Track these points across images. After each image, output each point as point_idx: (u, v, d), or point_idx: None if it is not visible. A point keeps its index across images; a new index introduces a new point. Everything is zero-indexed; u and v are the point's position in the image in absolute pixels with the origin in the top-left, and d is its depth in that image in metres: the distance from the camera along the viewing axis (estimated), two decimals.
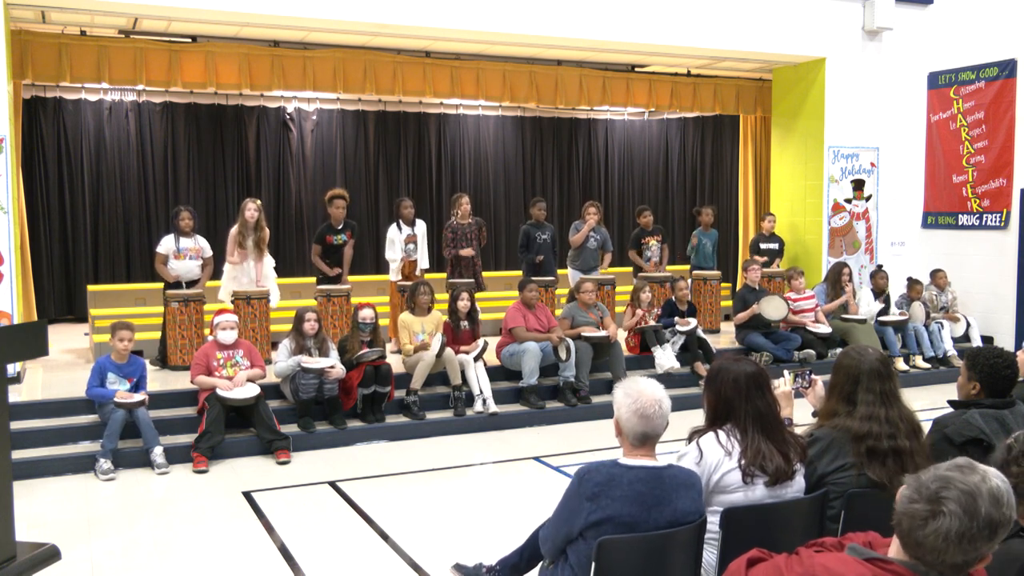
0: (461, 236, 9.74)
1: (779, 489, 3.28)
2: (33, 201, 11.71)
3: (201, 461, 6.77)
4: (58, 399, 7.52)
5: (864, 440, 3.37)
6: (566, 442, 7.65)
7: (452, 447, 7.54)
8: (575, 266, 10.48)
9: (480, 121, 14.65)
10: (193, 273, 8.95)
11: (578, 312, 8.99)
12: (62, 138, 12.20)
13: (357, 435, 7.58)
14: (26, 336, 5.06)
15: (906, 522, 1.98)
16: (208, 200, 12.98)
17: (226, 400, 7.01)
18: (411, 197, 10.90)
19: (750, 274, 10.20)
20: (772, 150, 12.61)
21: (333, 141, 13.66)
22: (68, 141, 12.23)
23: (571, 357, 8.44)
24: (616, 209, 15.67)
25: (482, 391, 8.17)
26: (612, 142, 15.72)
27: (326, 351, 7.65)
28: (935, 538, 1.93)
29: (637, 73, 12.58)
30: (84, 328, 11.07)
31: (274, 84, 10.54)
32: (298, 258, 13.23)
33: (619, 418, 3.10)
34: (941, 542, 1.93)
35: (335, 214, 9.36)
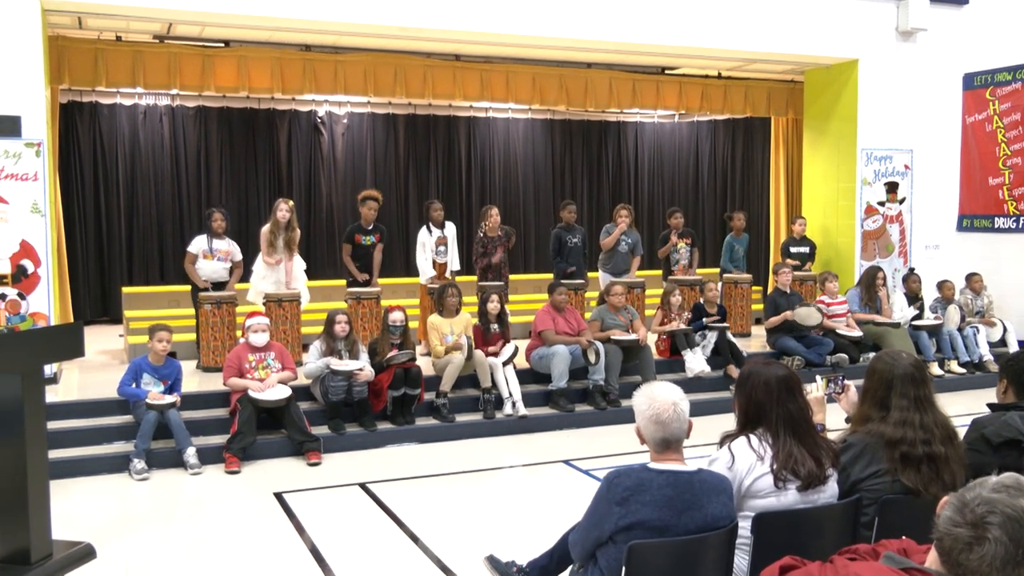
0: (492, 249, 9.77)
1: (811, 494, 3.25)
2: (69, 204, 11.88)
3: (233, 462, 6.84)
4: (93, 399, 7.63)
5: (898, 446, 3.34)
6: (595, 445, 7.63)
7: (481, 449, 7.55)
8: (606, 269, 10.46)
9: (510, 124, 14.66)
10: (220, 275, 9.05)
11: (608, 315, 8.96)
12: (98, 142, 12.37)
13: (387, 437, 7.61)
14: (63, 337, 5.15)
15: (948, 542, 1.94)
16: (240, 203, 13.10)
17: (258, 402, 7.07)
18: (441, 200, 10.93)
19: (781, 278, 10.12)
20: (804, 152, 12.51)
21: (363, 144, 13.74)
22: (104, 145, 12.40)
23: (600, 360, 8.42)
24: (646, 212, 15.60)
25: (511, 394, 8.17)
26: (642, 145, 15.67)
27: (356, 353, 7.69)
28: (979, 563, 1.89)
29: (667, 75, 12.53)
30: (119, 329, 11.21)
31: (305, 88, 10.63)
32: (329, 260, 13.31)
33: (638, 425, 3.10)
34: (985, 567, 1.89)
35: (366, 214, 9.42)
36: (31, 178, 7.96)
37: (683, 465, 3.03)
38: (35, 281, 8.02)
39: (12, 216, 7.91)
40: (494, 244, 9.79)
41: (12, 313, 7.95)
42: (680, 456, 3.06)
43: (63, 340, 5.11)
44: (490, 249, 9.76)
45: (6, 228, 7.90)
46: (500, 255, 9.79)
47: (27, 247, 7.98)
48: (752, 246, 12.43)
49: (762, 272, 13.85)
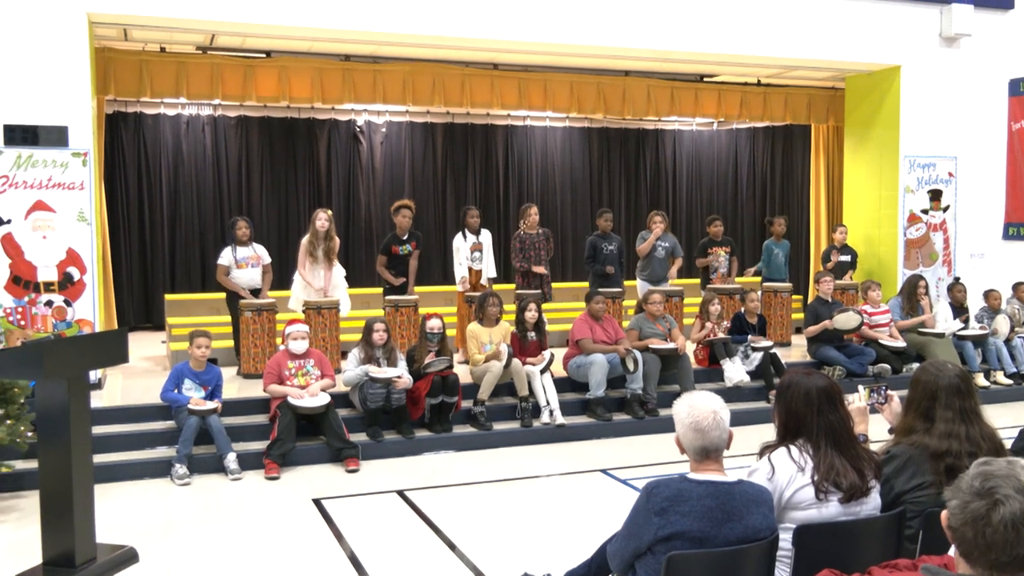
0: (529, 246, 9.77)
1: (854, 506, 3.22)
2: (114, 213, 12.09)
3: (272, 468, 6.90)
4: (136, 405, 7.75)
5: (943, 458, 3.29)
6: (633, 455, 7.60)
7: (519, 458, 7.55)
8: (643, 276, 10.42)
9: (547, 132, 14.68)
10: (256, 281, 9.17)
11: (646, 324, 8.93)
12: (142, 152, 12.59)
13: (424, 445, 7.64)
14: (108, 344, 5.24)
15: (970, 530, 1.96)
16: (280, 211, 13.25)
17: (297, 408, 7.13)
18: (478, 208, 10.96)
19: (822, 286, 10.01)
20: (845, 160, 12.37)
21: (402, 153, 13.83)
22: (147, 155, 12.62)
23: (638, 369, 8.38)
24: (684, 220, 15.53)
25: (549, 402, 8.16)
26: (680, 153, 15.60)
27: (394, 361, 7.73)
28: (1004, 529, 1.92)
29: (706, 83, 12.47)
30: (161, 336, 11.39)
31: (345, 97, 10.73)
32: (367, 269, 13.40)
33: (677, 434, 3.08)
34: (1010, 531, 1.91)
35: (401, 223, 9.48)
36: (77, 187, 8.12)
37: (723, 475, 3.01)
38: (81, 288, 8.17)
39: (59, 224, 8.07)
40: (532, 242, 9.80)
41: (59, 320, 8.11)
42: (720, 466, 3.04)
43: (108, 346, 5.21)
44: (527, 247, 9.76)
45: (53, 236, 8.06)
46: (544, 264, 9.77)
47: (73, 255, 8.13)
48: (792, 254, 12.32)
49: (802, 281, 13.72)
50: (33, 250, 8.02)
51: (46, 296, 8.07)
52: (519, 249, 9.80)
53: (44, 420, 4.77)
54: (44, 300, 8.06)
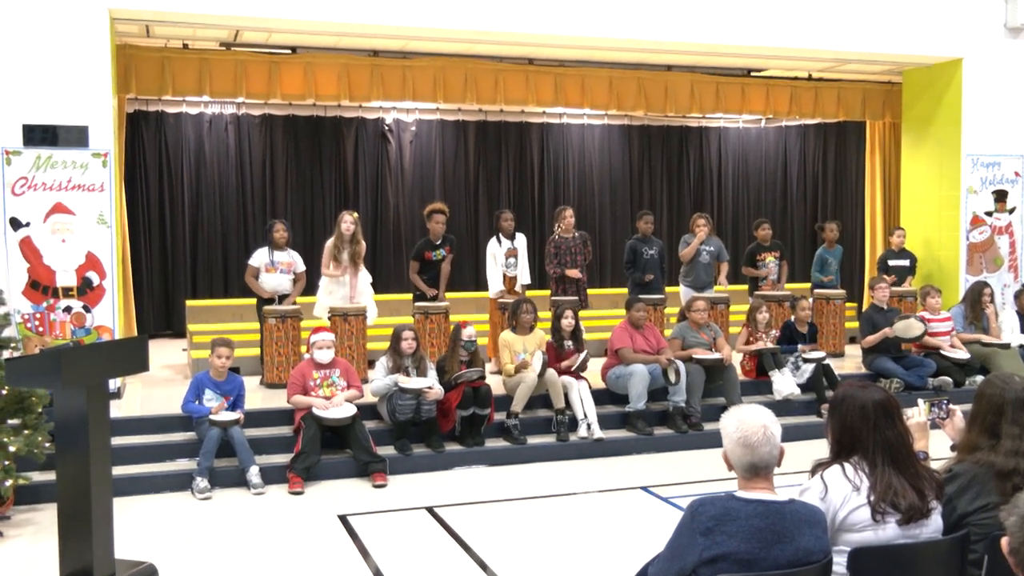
0: (565, 251, 9.77)
1: (913, 529, 3.18)
2: (134, 215, 12.26)
3: (296, 482, 6.95)
4: (156, 415, 7.85)
5: (1010, 477, 3.24)
6: (676, 471, 7.56)
7: (554, 474, 7.54)
8: (687, 283, 10.37)
9: (585, 130, 14.67)
10: (284, 288, 9.24)
11: (689, 332, 8.88)
12: (163, 152, 12.76)
13: (455, 459, 7.66)
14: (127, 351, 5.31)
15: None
16: (305, 213, 13.36)
17: (322, 420, 7.18)
18: (512, 210, 10.98)
19: (878, 293, 9.90)
20: (903, 159, 12.23)
21: (432, 152, 13.89)
22: (169, 155, 12.79)
23: (682, 381, 8.34)
24: (730, 223, 15.44)
25: (586, 415, 8.14)
26: (726, 152, 15.52)
27: (424, 371, 7.76)
28: None
29: (753, 78, 12.40)
30: (182, 343, 11.52)
31: (373, 94, 10.80)
32: (395, 274, 13.47)
33: (725, 449, 3.06)
34: None
35: (434, 229, 9.51)
36: (97, 189, 8.25)
37: (773, 494, 2.99)
38: (100, 294, 8.29)
39: (78, 227, 8.20)
40: (568, 247, 9.78)
41: (77, 326, 8.23)
42: (770, 484, 3.02)
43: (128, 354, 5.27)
44: (563, 252, 9.76)
45: (72, 239, 8.19)
46: (580, 269, 9.76)
47: (93, 259, 8.25)
48: (846, 259, 12.21)
49: (856, 287, 13.58)
50: (52, 254, 8.15)
51: (65, 302, 8.20)
52: (553, 254, 9.79)
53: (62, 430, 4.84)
54: (63, 306, 8.19)
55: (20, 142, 8.07)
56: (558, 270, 9.75)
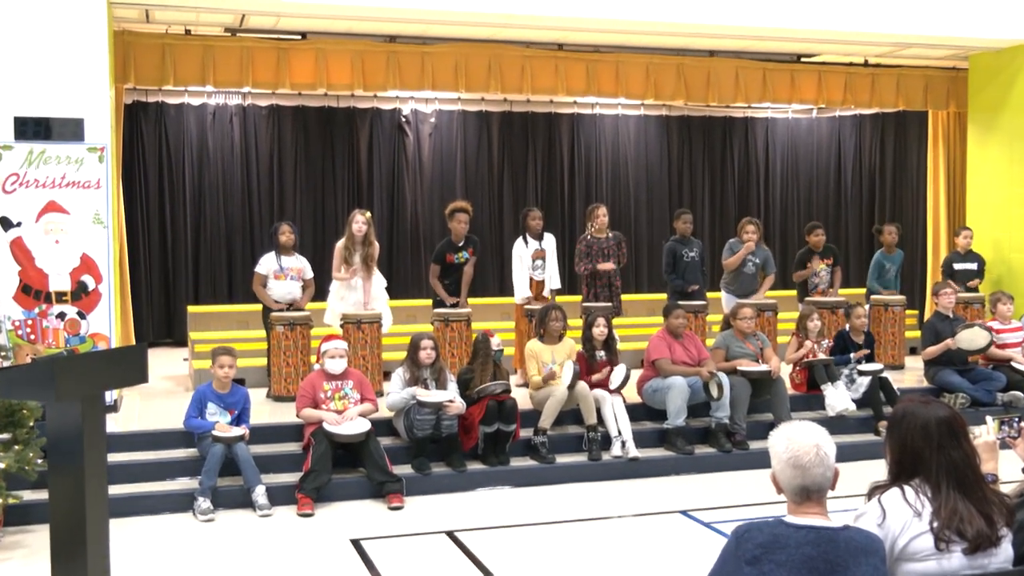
0: (597, 252, 9.76)
1: (980, 558, 3.16)
2: (132, 215, 12.36)
3: (306, 503, 6.98)
4: (156, 430, 7.93)
5: None
6: (719, 494, 7.54)
7: (585, 496, 7.53)
8: (730, 291, 10.33)
9: (619, 122, 14.65)
10: (293, 296, 9.29)
11: (734, 342, 8.85)
12: (163, 146, 12.88)
13: (478, 479, 7.67)
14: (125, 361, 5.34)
15: None
16: (316, 212, 13.44)
17: (334, 436, 7.21)
18: (540, 208, 10.99)
19: (942, 300, 9.83)
20: (969, 152, 12.14)
21: (453, 146, 13.93)
22: (170, 149, 12.90)
23: (725, 395, 8.30)
24: (777, 223, 15.37)
25: (620, 432, 8.13)
26: (773, 144, 15.45)
27: (444, 383, 7.77)
28: None
29: (803, 64, 12.34)
30: (183, 353, 11.61)
31: (389, 83, 10.84)
32: (413, 277, 13.51)
33: (773, 470, 3.06)
34: None
35: (456, 229, 9.54)
36: (93, 186, 8.34)
37: (826, 520, 2.97)
38: (96, 299, 8.38)
39: (73, 228, 8.30)
40: (600, 248, 9.77)
41: (71, 334, 8.32)
42: (823, 509, 3.00)
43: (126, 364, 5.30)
44: (595, 253, 9.75)
45: (67, 240, 8.29)
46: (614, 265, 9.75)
47: (88, 261, 8.34)
48: (906, 262, 12.12)
49: (918, 293, 13.47)
50: (44, 256, 8.25)
51: (58, 307, 8.29)
52: (584, 253, 9.78)
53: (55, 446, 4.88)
54: (56, 312, 8.29)
55: (11, 136, 8.17)
56: (589, 266, 9.72)
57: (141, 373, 5.33)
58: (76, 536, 4.81)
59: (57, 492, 4.88)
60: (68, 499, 4.83)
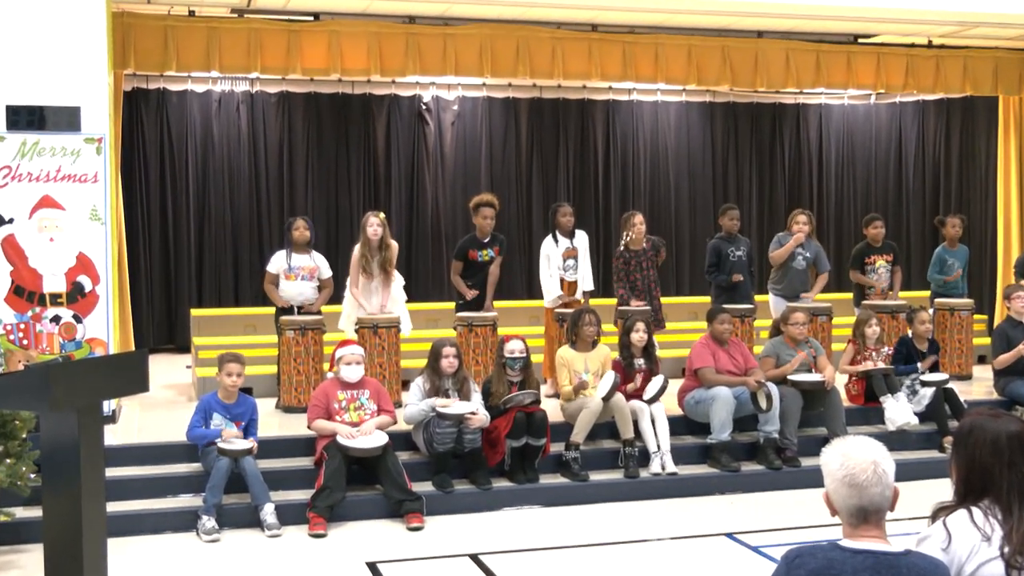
0: (635, 267, 9.76)
1: None
2: (132, 211, 12.47)
3: (318, 523, 7.01)
4: (157, 443, 7.98)
5: None
6: (767, 516, 7.52)
7: (622, 516, 7.53)
8: (777, 291, 10.29)
9: (658, 109, 14.63)
10: (305, 296, 9.33)
11: (784, 349, 8.81)
12: (165, 137, 13.00)
13: (504, 498, 7.67)
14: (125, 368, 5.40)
15: None
16: (329, 208, 13.51)
17: (348, 450, 7.23)
18: (571, 203, 10.99)
19: (1015, 303, 9.75)
20: None
21: (477, 135, 13.96)
22: (172, 140, 13.02)
23: (774, 407, 8.27)
24: (832, 219, 15.31)
25: (660, 447, 8.12)
26: (827, 134, 15.39)
27: (467, 393, 7.79)
28: None
29: (861, 45, 12.27)
30: (186, 360, 11.69)
31: (408, 68, 10.87)
32: (434, 278, 13.55)
33: (827, 489, 3.04)
34: None
35: (482, 225, 9.56)
36: (90, 179, 8.41)
37: (886, 544, 2.96)
38: (93, 301, 8.45)
39: (68, 224, 8.37)
40: (639, 261, 9.77)
41: (67, 339, 8.40)
42: (881, 532, 2.99)
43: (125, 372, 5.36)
44: (634, 268, 9.74)
45: (62, 238, 8.36)
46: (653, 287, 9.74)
47: (85, 261, 8.42)
48: (975, 262, 12.02)
49: (987, 297, 13.36)
50: (38, 255, 8.32)
51: (52, 310, 8.37)
52: (624, 271, 9.79)
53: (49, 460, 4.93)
54: (50, 315, 8.37)
55: (2, 126, 8.25)
56: (626, 296, 9.73)
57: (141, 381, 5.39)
58: (72, 557, 4.86)
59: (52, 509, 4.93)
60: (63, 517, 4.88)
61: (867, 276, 10.77)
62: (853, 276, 10.96)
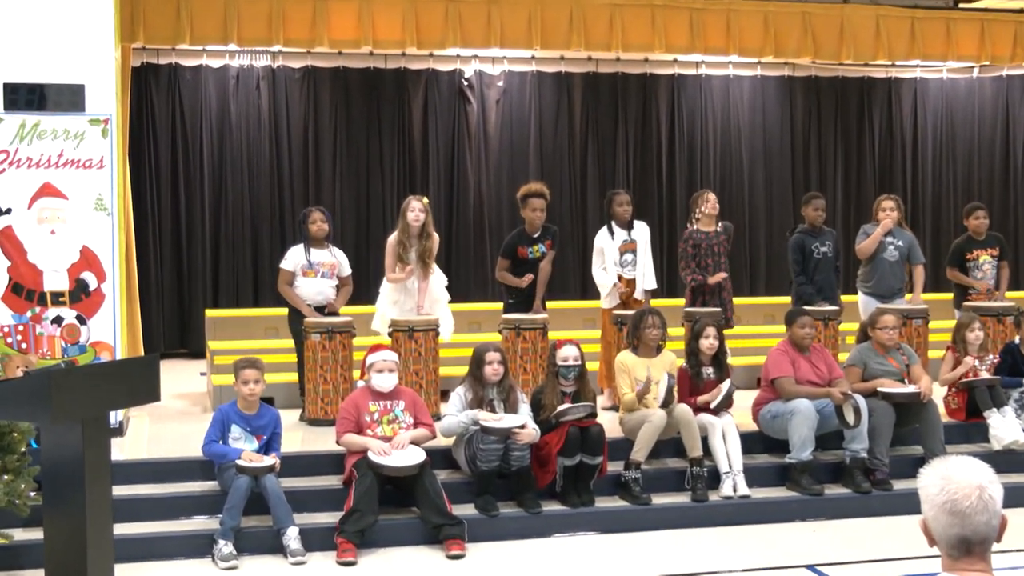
0: (706, 251, 9.71)
1: None
2: (141, 200, 12.58)
3: (347, 550, 7.03)
4: (168, 459, 8.06)
5: None
6: (855, 545, 7.46)
7: (688, 545, 7.49)
8: (867, 289, 10.21)
9: (731, 84, 14.56)
10: (325, 296, 9.36)
11: (873, 357, 8.74)
12: (177, 117, 13.11)
13: (555, 523, 7.66)
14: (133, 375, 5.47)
15: None
16: (359, 198, 13.56)
17: (381, 468, 7.24)
18: (630, 191, 10.96)
19: None
20: None
21: (525, 116, 13.96)
22: (185, 121, 13.13)
23: (863, 422, 8.20)
24: (928, 208, 15.18)
25: (732, 467, 8.07)
26: (924, 111, 15.25)
27: (514, 404, 7.79)
28: None
29: (962, 11, 12.15)
30: (200, 366, 11.79)
31: (448, 40, 10.89)
32: (476, 275, 13.56)
33: (924, 517, 3.01)
34: None
35: (531, 218, 9.55)
36: (96, 165, 8.50)
37: None
38: (98, 300, 8.53)
39: (71, 215, 8.45)
40: (710, 245, 9.72)
41: (70, 342, 8.48)
42: (987, 565, 2.96)
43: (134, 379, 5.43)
44: (704, 252, 9.69)
45: (64, 230, 8.44)
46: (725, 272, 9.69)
47: (89, 255, 8.50)
48: None
49: None
50: (38, 249, 8.40)
51: (54, 310, 8.45)
52: (692, 256, 9.75)
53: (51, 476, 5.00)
54: (51, 316, 8.45)
55: (0, 105, 8.34)
56: (699, 276, 9.69)
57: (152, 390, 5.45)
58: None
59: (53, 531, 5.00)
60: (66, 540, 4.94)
61: (969, 274, 10.64)
62: (952, 274, 10.83)
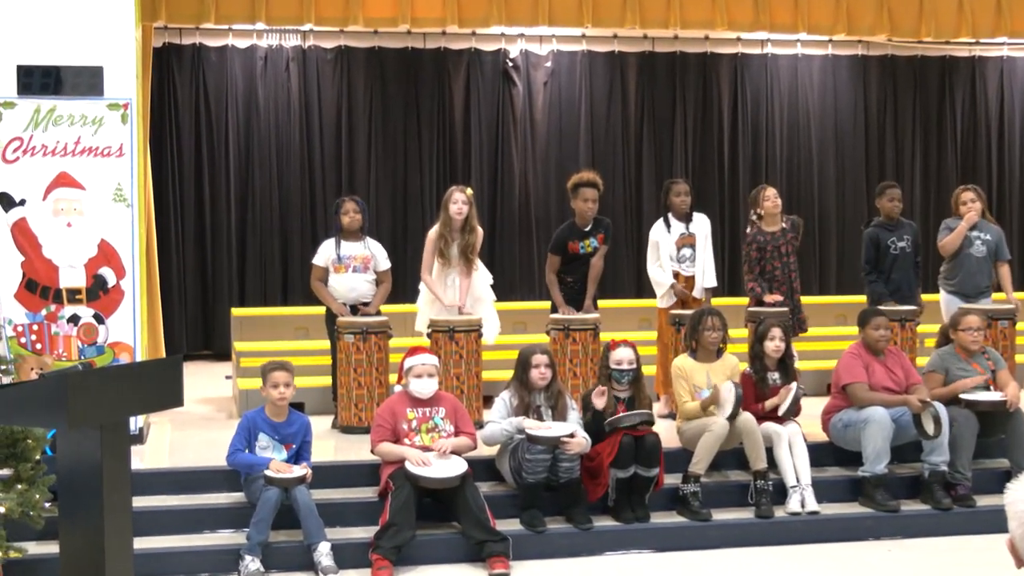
0: (772, 253, 9.66)
1: None
2: (162, 190, 12.69)
3: (383, 566, 7.04)
4: (192, 468, 8.10)
5: None
6: (934, 566, 7.41)
7: (752, 565, 7.46)
8: (950, 287, 10.11)
9: (799, 64, 14.48)
10: (359, 292, 9.36)
11: (956, 362, 8.66)
12: (202, 102, 13.19)
13: (608, 540, 7.65)
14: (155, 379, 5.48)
15: None
16: (395, 188, 13.60)
17: (419, 480, 7.26)
18: (690, 181, 10.91)
19: None
20: None
21: (575, 99, 13.94)
22: (210, 105, 13.21)
23: (943, 433, 8.13)
24: (1016, 199, 15.02)
25: (799, 480, 8.03)
26: (1011, 93, 15.10)
27: (563, 411, 7.77)
28: None
29: None
30: (226, 369, 11.86)
31: (492, 18, 10.88)
32: (523, 273, 13.56)
33: (1012, 536, 3.01)
34: None
35: (582, 209, 9.52)
36: (115, 153, 8.56)
37: None
38: (117, 298, 8.59)
39: (89, 207, 8.51)
40: (775, 245, 9.67)
41: (87, 343, 8.56)
42: None
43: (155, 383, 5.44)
44: (769, 254, 9.64)
45: (82, 223, 8.51)
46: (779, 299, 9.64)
47: (108, 250, 8.56)
48: None
49: None
50: (53, 243, 8.48)
51: (70, 309, 8.52)
52: (756, 260, 9.72)
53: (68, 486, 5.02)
54: (67, 314, 8.53)
55: (13, 90, 8.42)
56: (758, 289, 9.69)
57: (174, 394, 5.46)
58: None
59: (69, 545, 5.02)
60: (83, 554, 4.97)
61: None
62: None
